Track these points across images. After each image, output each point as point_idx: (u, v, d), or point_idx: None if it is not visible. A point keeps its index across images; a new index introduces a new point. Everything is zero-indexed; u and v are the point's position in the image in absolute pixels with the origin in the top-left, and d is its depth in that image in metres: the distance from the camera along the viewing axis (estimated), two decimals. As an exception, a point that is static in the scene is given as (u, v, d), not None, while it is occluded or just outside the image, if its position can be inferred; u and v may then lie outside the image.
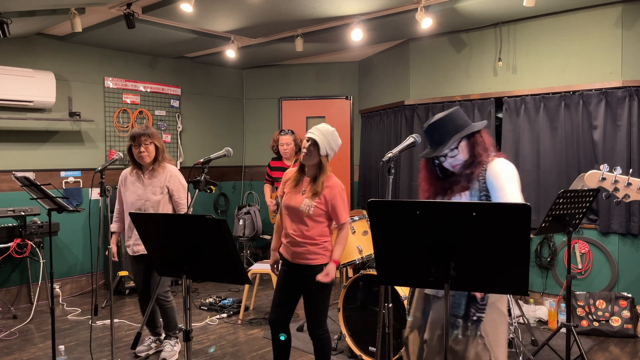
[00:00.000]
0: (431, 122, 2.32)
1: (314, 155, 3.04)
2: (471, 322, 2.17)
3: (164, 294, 3.91)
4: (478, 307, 2.17)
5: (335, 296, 5.56)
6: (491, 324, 2.18)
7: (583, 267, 4.77)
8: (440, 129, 2.29)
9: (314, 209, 3.06)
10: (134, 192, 3.81)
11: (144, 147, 3.73)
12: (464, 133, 2.27)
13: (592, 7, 4.64)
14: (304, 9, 4.64)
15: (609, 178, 2.13)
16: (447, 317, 1.85)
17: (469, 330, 2.18)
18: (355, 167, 7.17)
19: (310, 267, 3.11)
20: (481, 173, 2.25)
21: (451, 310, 2.20)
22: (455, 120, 2.29)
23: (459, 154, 2.29)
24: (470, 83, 5.46)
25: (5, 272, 5.28)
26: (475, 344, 2.17)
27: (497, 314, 2.20)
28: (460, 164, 2.30)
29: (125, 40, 5.65)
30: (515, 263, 1.69)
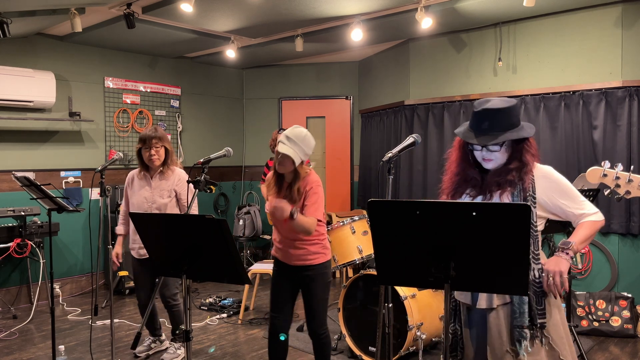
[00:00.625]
0: (486, 107, 2.10)
1: (288, 167, 2.99)
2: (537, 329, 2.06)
3: (173, 296, 3.86)
4: (539, 313, 2.06)
5: (335, 296, 5.56)
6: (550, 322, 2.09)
7: (583, 267, 4.78)
8: (493, 119, 2.08)
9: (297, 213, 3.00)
10: (141, 194, 3.79)
11: (154, 150, 3.71)
12: (514, 136, 2.09)
13: (592, 7, 4.64)
14: (304, 9, 4.64)
15: (610, 174, 2.13)
16: (447, 317, 1.85)
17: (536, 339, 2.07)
18: (355, 167, 7.17)
19: (310, 267, 3.10)
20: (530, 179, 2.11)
21: (514, 321, 2.06)
22: (510, 117, 2.10)
23: (499, 152, 2.11)
24: (470, 83, 5.46)
25: (5, 272, 5.28)
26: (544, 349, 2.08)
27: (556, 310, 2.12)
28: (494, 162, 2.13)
29: (125, 40, 5.65)
30: (515, 263, 1.69)
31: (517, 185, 2.10)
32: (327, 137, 7.31)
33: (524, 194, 2.09)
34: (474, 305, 2.16)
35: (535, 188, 2.10)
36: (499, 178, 2.13)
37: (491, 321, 2.11)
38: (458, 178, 2.25)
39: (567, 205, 2.10)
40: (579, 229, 2.09)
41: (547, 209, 2.13)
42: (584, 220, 2.09)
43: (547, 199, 2.12)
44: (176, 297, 3.88)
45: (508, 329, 2.08)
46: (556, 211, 2.13)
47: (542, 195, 2.11)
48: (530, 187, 2.10)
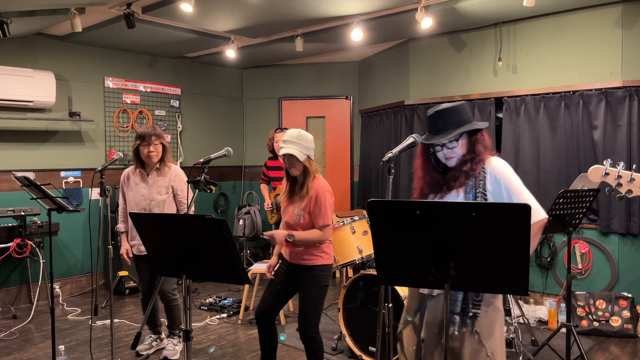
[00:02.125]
0: (437, 109, 2.29)
1: (297, 166, 3.06)
2: (467, 318, 2.17)
3: (171, 291, 3.91)
4: (474, 303, 2.17)
5: (335, 296, 5.57)
6: (486, 319, 2.18)
7: (583, 267, 4.77)
8: (445, 118, 2.27)
9: (303, 218, 3.08)
10: (138, 191, 3.81)
11: (153, 146, 3.75)
12: (467, 128, 2.25)
13: (592, 7, 4.64)
14: (304, 9, 4.64)
15: (612, 173, 2.14)
16: (447, 317, 1.85)
17: (465, 327, 2.18)
18: (355, 167, 7.17)
19: (306, 267, 3.12)
20: (481, 171, 2.23)
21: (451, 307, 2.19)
22: (461, 114, 2.28)
23: (458, 147, 2.27)
24: (470, 83, 5.46)
25: (5, 272, 5.28)
26: (470, 340, 2.17)
27: (492, 309, 2.20)
28: (456, 158, 2.29)
29: (125, 40, 5.65)
30: (515, 263, 1.69)
31: (471, 178, 2.23)
32: (327, 137, 7.31)
33: (475, 191, 2.21)
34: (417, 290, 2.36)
35: (486, 182, 2.22)
36: (455, 171, 2.28)
37: (430, 306, 2.29)
38: (423, 182, 2.42)
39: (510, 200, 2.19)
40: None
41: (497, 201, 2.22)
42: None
43: (493, 192, 2.21)
44: (175, 292, 3.93)
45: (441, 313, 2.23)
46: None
47: (490, 187, 2.22)
48: (482, 183, 2.22)
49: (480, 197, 2.20)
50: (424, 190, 2.40)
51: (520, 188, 2.21)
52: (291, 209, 3.15)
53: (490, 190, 2.21)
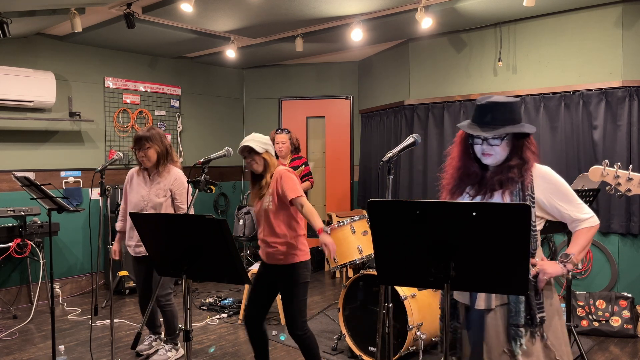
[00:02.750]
0: (490, 100, 2.11)
1: (257, 160, 3.12)
2: (537, 326, 2.03)
3: (166, 297, 3.85)
4: (538, 307, 2.04)
5: (335, 296, 5.57)
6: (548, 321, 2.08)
7: (583, 267, 4.78)
8: (495, 111, 2.09)
9: (272, 203, 3.11)
10: (138, 192, 3.79)
11: (143, 152, 3.70)
12: (515, 129, 2.09)
13: (592, 7, 4.64)
14: (304, 9, 4.64)
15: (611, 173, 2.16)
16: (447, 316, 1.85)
17: (536, 336, 2.04)
18: (355, 167, 7.17)
19: (281, 267, 3.14)
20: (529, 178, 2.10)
21: (510, 320, 2.04)
22: (513, 112, 2.11)
23: (499, 147, 2.10)
24: (470, 83, 5.46)
25: (5, 272, 5.28)
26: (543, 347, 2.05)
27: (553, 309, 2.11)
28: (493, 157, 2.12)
29: (125, 40, 5.65)
30: (516, 263, 1.69)
31: (517, 184, 2.09)
32: (327, 137, 7.31)
33: (522, 194, 2.09)
34: (472, 305, 2.15)
35: (534, 188, 2.10)
36: (501, 176, 2.11)
37: (489, 322, 2.10)
38: (460, 173, 2.22)
39: (563, 208, 2.11)
40: (576, 238, 2.13)
41: (545, 209, 2.14)
42: (579, 228, 2.12)
43: (544, 200, 2.11)
44: (168, 298, 3.86)
45: (505, 329, 2.06)
46: (553, 212, 2.14)
47: (540, 195, 2.11)
48: (529, 187, 2.09)
49: (529, 201, 2.08)
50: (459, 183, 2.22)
51: (574, 194, 2.12)
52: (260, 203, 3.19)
53: (538, 198, 2.10)
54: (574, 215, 2.11)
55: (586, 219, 2.11)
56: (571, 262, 2.09)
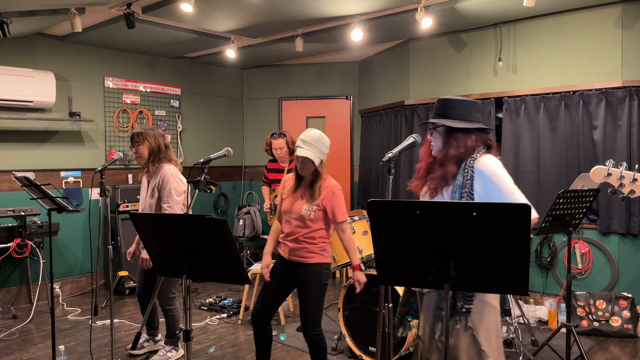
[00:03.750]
0: (444, 97, 2.32)
1: (309, 168, 3.09)
2: (460, 314, 2.16)
3: (169, 301, 3.83)
4: (466, 299, 2.16)
5: (335, 296, 5.57)
6: (478, 315, 2.17)
7: (583, 267, 4.77)
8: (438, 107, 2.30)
9: (314, 213, 3.10)
10: (142, 195, 3.82)
11: (135, 148, 3.67)
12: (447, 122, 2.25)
13: (592, 7, 4.64)
14: (304, 9, 4.64)
15: (614, 174, 2.14)
16: (447, 317, 1.85)
17: (458, 323, 2.17)
18: (355, 167, 7.17)
19: (305, 265, 3.14)
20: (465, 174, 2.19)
21: (438, 303, 2.21)
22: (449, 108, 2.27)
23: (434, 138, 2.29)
24: (470, 83, 5.46)
25: (5, 272, 5.28)
26: (465, 335, 2.17)
27: (484, 305, 2.19)
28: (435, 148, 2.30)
29: (125, 40, 5.65)
30: (516, 263, 1.69)
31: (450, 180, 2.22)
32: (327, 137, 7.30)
33: (461, 190, 2.20)
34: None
35: (474, 182, 2.19)
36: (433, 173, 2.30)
37: (424, 302, 2.32)
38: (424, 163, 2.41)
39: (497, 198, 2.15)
40: None
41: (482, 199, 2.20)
42: None
43: (482, 192, 2.18)
44: (172, 302, 3.84)
45: (433, 310, 2.25)
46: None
47: (478, 187, 2.18)
48: (469, 183, 2.18)
49: (467, 196, 2.17)
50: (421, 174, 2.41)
51: (512, 186, 2.16)
52: (299, 203, 3.14)
53: (477, 190, 2.17)
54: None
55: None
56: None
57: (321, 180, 3.12)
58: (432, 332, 2.24)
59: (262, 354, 3.33)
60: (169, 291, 3.83)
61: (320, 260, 3.14)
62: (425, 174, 2.37)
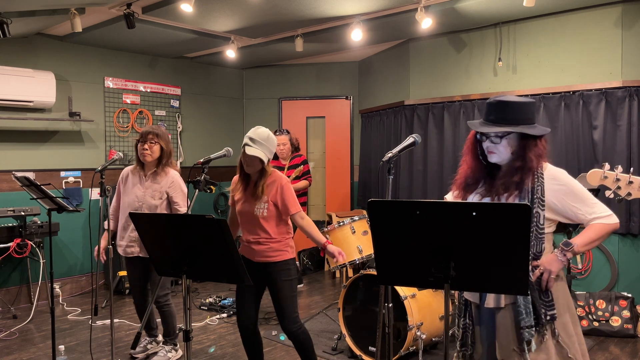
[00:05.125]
0: (499, 98, 2.13)
1: (256, 166, 3.09)
2: (545, 323, 2.05)
3: (164, 297, 3.84)
4: (547, 306, 2.03)
5: (335, 296, 5.57)
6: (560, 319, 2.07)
7: (583, 267, 4.78)
8: (501, 110, 2.10)
9: (267, 211, 3.09)
10: (133, 192, 3.75)
11: (148, 144, 3.67)
12: (516, 129, 2.07)
13: (592, 7, 4.64)
14: (304, 9, 4.64)
15: (610, 176, 2.15)
16: (447, 316, 1.85)
17: (546, 335, 2.03)
18: (355, 167, 7.17)
19: (272, 263, 3.14)
20: (535, 181, 2.08)
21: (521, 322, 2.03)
22: (522, 112, 2.10)
23: (501, 145, 2.10)
24: (470, 83, 5.46)
25: (5, 272, 5.28)
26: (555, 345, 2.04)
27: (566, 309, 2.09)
28: (497, 155, 2.12)
29: (125, 40, 5.65)
30: (515, 263, 1.69)
31: (524, 187, 2.08)
32: (327, 137, 7.31)
33: (531, 197, 2.07)
34: (482, 304, 2.17)
35: (544, 190, 2.08)
36: (505, 179, 2.12)
37: (499, 320, 2.11)
38: (469, 171, 2.24)
39: (577, 208, 2.08)
40: (586, 230, 2.08)
41: (557, 211, 2.11)
42: (594, 223, 2.06)
43: (557, 202, 2.09)
44: (166, 298, 3.85)
45: (514, 327, 2.06)
46: (567, 214, 2.11)
47: (551, 197, 2.09)
48: (539, 190, 2.07)
49: (538, 204, 2.06)
50: (469, 180, 2.24)
51: (589, 194, 2.09)
52: (249, 205, 3.13)
53: (549, 200, 2.08)
54: (589, 215, 2.07)
55: (603, 217, 2.06)
56: (572, 251, 2.05)
57: (265, 179, 3.10)
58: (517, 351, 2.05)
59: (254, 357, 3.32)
60: (165, 287, 3.86)
61: (287, 256, 3.16)
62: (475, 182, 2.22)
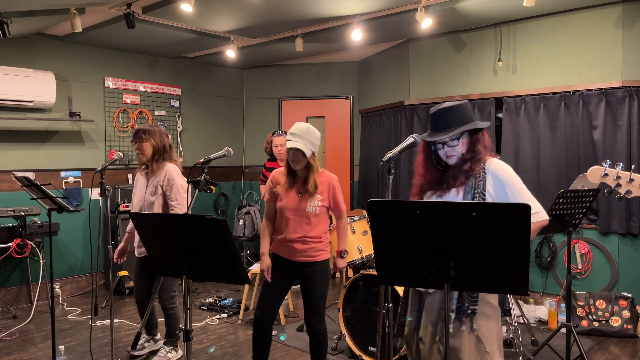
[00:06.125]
0: (440, 107, 2.30)
1: (301, 161, 3.07)
2: (465, 315, 2.16)
3: (170, 300, 3.82)
4: (471, 300, 2.16)
5: (335, 296, 5.57)
6: (482, 316, 2.18)
7: (583, 267, 4.78)
8: (447, 116, 2.27)
9: (319, 209, 3.11)
10: (138, 192, 3.78)
11: (138, 144, 3.66)
12: (468, 127, 2.25)
13: (592, 7, 4.64)
14: (303, 9, 4.64)
15: (611, 174, 2.15)
16: (447, 317, 1.85)
17: (463, 325, 2.17)
18: (355, 167, 7.17)
19: (313, 263, 3.15)
20: (479, 171, 2.24)
21: (442, 304, 2.19)
22: (463, 112, 2.28)
23: (459, 146, 2.27)
24: (470, 83, 5.46)
25: (5, 272, 5.28)
26: (469, 338, 2.17)
27: (488, 306, 2.20)
28: (456, 156, 2.28)
29: (125, 40, 5.65)
30: (515, 263, 1.69)
31: (471, 178, 2.23)
32: (327, 137, 7.31)
33: (473, 190, 2.21)
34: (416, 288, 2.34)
35: (486, 183, 2.21)
36: (455, 170, 2.28)
37: (426, 303, 2.29)
38: (423, 179, 2.42)
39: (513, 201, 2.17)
40: None
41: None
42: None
43: (495, 195, 2.21)
44: (172, 301, 3.83)
45: (437, 311, 2.23)
46: None
47: (490, 190, 2.21)
48: (481, 184, 2.21)
49: (479, 197, 2.20)
50: (423, 188, 2.41)
51: (524, 189, 2.22)
52: (299, 199, 3.11)
53: (490, 192, 2.21)
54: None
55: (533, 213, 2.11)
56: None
57: (315, 173, 3.10)
58: (434, 333, 2.23)
59: (260, 356, 3.31)
60: (170, 289, 3.82)
61: (326, 256, 3.21)
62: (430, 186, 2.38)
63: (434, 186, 2.36)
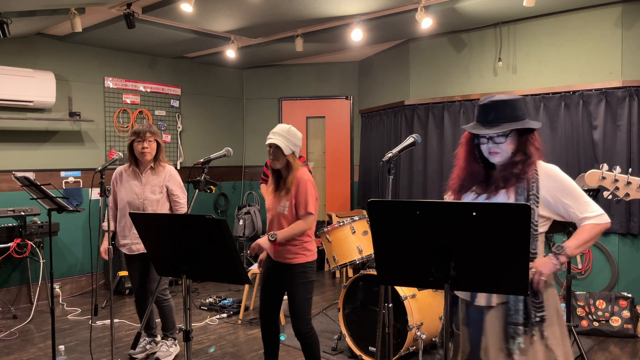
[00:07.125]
0: (492, 99, 2.14)
1: (280, 159, 3.09)
2: (534, 324, 2.03)
3: (162, 292, 3.88)
4: (537, 307, 2.03)
5: (335, 296, 5.57)
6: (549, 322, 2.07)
7: (583, 267, 4.78)
8: (499, 110, 2.11)
9: (287, 208, 3.11)
10: (131, 190, 3.78)
11: (147, 143, 3.71)
12: (519, 125, 2.09)
13: (592, 7, 4.64)
14: (304, 9, 4.64)
15: (609, 177, 2.14)
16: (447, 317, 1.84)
17: (534, 335, 2.03)
18: (355, 167, 7.17)
19: (289, 265, 3.14)
20: (533, 174, 2.09)
21: (508, 319, 2.04)
22: (517, 108, 2.12)
23: (505, 144, 2.11)
24: (470, 83, 5.46)
25: (5, 272, 5.28)
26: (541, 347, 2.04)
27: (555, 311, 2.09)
28: (500, 154, 2.12)
29: (125, 40, 5.65)
30: (515, 263, 1.69)
31: (522, 180, 2.08)
32: (327, 137, 7.31)
33: (527, 193, 2.07)
34: (472, 302, 2.16)
35: (539, 187, 2.08)
36: (505, 172, 2.12)
37: (488, 319, 2.10)
38: (465, 173, 2.24)
39: (569, 206, 2.06)
40: (578, 232, 2.07)
41: (551, 208, 2.10)
42: (585, 224, 2.05)
43: (550, 199, 2.08)
44: (165, 293, 3.91)
45: (503, 327, 2.06)
46: (560, 211, 2.10)
47: (545, 194, 2.08)
48: (534, 186, 2.07)
49: (533, 200, 2.07)
50: (464, 183, 2.23)
51: (581, 192, 2.09)
52: (276, 202, 3.18)
53: (545, 197, 2.08)
54: (580, 213, 2.06)
55: (594, 217, 2.05)
56: (565, 254, 2.03)
57: (293, 173, 3.10)
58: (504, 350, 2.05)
59: (270, 354, 3.33)
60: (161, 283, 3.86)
61: (304, 260, 3.14)
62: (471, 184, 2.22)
63: (477, 183, 2.21)
